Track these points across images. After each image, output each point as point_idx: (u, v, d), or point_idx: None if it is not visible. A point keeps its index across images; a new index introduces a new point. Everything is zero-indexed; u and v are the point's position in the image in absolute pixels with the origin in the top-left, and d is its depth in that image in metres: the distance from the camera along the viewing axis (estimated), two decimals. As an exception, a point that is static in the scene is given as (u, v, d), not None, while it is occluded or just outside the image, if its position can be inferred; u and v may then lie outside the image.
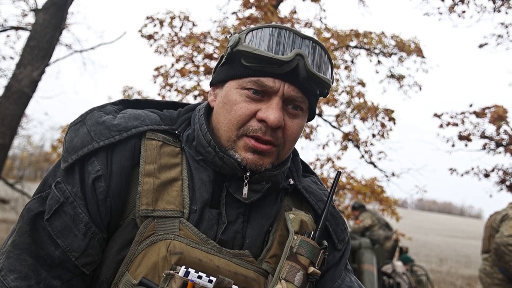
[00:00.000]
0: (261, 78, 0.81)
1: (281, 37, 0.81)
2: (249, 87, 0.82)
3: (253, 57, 0.80)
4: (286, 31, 0.82)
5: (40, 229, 0.77)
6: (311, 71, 0.81)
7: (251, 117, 0.82)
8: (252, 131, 0.82)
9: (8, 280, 0.74)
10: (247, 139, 0.82)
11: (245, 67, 0.82)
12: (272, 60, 0.79)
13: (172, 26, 7.33)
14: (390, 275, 5.49)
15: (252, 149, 0.82)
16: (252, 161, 0.83)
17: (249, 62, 0.81)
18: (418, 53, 7.94)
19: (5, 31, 7.70)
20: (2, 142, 6.37)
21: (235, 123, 0.82)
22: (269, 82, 0.81)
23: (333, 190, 0.93)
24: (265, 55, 0.79)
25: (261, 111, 0.81)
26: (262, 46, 0.80)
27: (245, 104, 0.82)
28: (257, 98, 0.82)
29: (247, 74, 0.82)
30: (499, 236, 3.70)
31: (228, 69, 0.85)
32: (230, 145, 0.84)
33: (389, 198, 7.40)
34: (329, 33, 7.43)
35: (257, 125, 0.82)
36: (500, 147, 7.49)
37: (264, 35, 0.81)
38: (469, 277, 11.97)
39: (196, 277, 0.74)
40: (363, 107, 7.09)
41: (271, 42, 0.81)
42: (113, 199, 0.80)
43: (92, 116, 0.84)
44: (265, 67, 0.80)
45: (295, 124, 0.85)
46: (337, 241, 0.96)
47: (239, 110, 0.82)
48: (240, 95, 0.82)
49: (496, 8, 7.86)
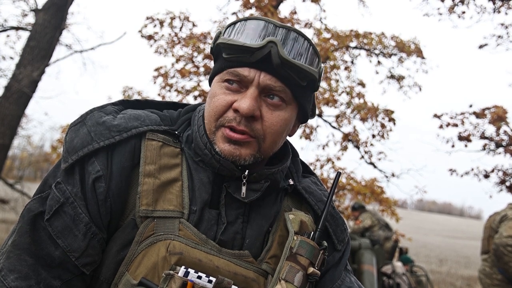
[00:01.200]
0: (237, 68, 0.82)
1: (255, 26, 0.83)
2: (226, 78, 0.84)
3: (230, 48, 0.82)
4: (261, 21, 0.83)
5: (40, 229, 0.77)
6: (284, 57, 0.80)
7: (228, 108, 0.83)
8: (227, 121, 0.82)
9: (8, 280, 0.74)
10: (223, 129, 0.83)
11: (224, 60, 0.84)
12: (244, 48, 0.80)
13: (172, 27, 7.34)
14: (390, 276, 5.49)
15: (227, 139, 0.83)
16: (228, 152, 0.82)
17: (227, 53, 0.83)
18: (418, 54, 7.95)
19: (5, 31, 7.70)
20: (2, 142, 6.37)
21: (213, 114, 0.84)
22: (244, 72, 0.82)
23: (333, 191, 0.93)
24: (236, 43, 0.81)
25: (236, 101, 0.82)
26: (237, 36, 0.82)
27: (223, 96, 0.84)
28: (234, 89, 0.83)
29: (226, 66, 0.84)
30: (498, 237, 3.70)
31: (215, 65, 0.88)
32: (211, 138, 0.85)
33: (389, 198, 7.40)
34: (329, 34, 7.44)
35: (232, 115, 0.82)
36: (500, 148, 7.49)
37: (240, 27, 0.84)
38: (469, 277, 11.97)
39: (196, 277, 0.74)
40: (363, 108, 7.09)
41: (245, 32, 0.82)
42: (113, 200, 0.80)
43: (92, 116, 0.84)
44: (240, 56, 0.82)
45: (275, 116, 0.83)
46: (336, 241, 0.96)
47: (217, 101, 0.84)
48: (220, 88, 0.84)
49: (496, 8, 7.86)
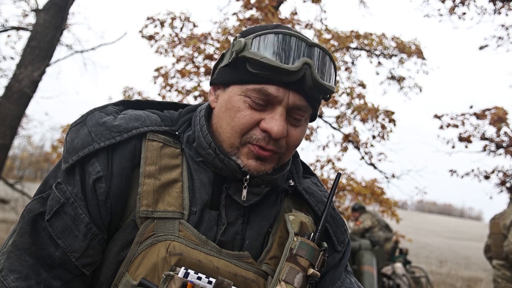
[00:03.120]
0: (265, 85, 0.79)
1: (288, 44, 0.79)
2: (253, 95, 0.80)
3: (259, 64, 0.78)
4: (293, 38, 0.79)
5: (41, 230, 0.77)
6: (317, 80, 0.80)
7: (255, 126, 0.82)
8: (255, 140, 0.82)
9: (8, 281, 0.74)
10: (251, 147, 0.82)
11: (249, 74, 0.80)
12: (279, 69, 0.77)
13: (172, 27, 7.34)
14: (390, 277, 5.48)
15: (255, 156, 0.82)
16: (254, 168, 0.83)
17: (254, 68, 0.79)
18: (419, 55, 7.95)
19: (6, 31, 7.71)
20: (3, 142, 6.37)
21: (238, 130, 0.82)
22: (273, 91, 0.79)
23: (333, 192, 0.93)
24: (273, 64, 0.77)
25: (264, 121, 0.81)
26: (268, 53, 0.78)
27: (249, 112, 0.81)
28: (260, 107, 0.81)
29: (252, 81, 0.80)
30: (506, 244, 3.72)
31: (232, 73, 0.83)
32: (233, 151, 0.84)
33: (389, 199, 7.40)
34: (329, 34, 7.44)
35: (260, 134, 0.81)
36: (500, 149, 7.49)
37: (270, 41, 0.79)
38: (469, 278, 11.95)
39: (196, 278, 0.74)
40: (363, 109, 7.09)
41: (278, 49, 0.78)
42: (114, 200, 0.80)
43: (93, 116, 0.84)
44: (271, 75, 0.79)
45: (297, 132, 0.85)
46: (337, 242, 0.96)
47: (243, 118, 0.81)
48: (244, 102, 0.81)
49: (496, 10, 7.86)
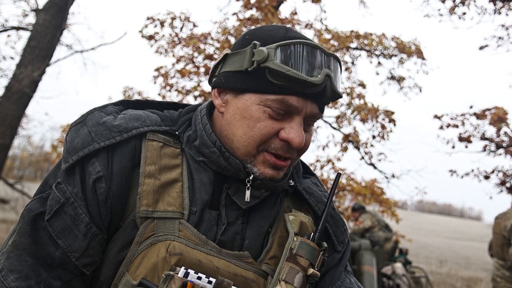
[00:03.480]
0: (286, 96, 0.79)
1: (310, 55, 0.79)
2: (274, 105, 0.80)
3: (283, 76, 0.78)
4: (315, 49, 0.80)
5: (41, 230, 0.77)
6: (336, 91, 0.82)
7: (273, 135, 0.82)
8: (273, 149, 0.83)
9: (8, 281, 0.74)
10: (268, 155, 0.83)
11: (270, 84, 0.79)
12: (304, 82, 0.78)
13: (172, 27, 7.34)
14: (389, 277, 5.48)
15: (272, 165, 0.84)
16: (271, 176, 0.84)
17: (277, 80, 0.78)
18: (419, 55, 7.95)
19: (6, 31, 7.71)
20: (3, 142, 6.37)
21: (258, 140, 0.82)
22: (294, 101, 0.80)
23: (333, 192, 0.93)
24: (299, 77, 0.77)
25: (284, 130, 0.81)
26: (293, 65, 0.78)
27: (269, 123, 0.81)
28: (279, 116, 0.82)
29: (272, 91, 0.80)
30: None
31: (249, 81, 0.81)
32: (249, 159, 0.84)
33: (389, 199, 7.40)
34: (329, 34, 7.44)
35: (279, 143, 0.82)
36: (500, 149, 7.49)
37: (294, 53, 0.78)
38: (469, 279, 11.95)
39: (196, 278, 0.74)
40: (363, 109, 7.09)
41: (302, 61, 0.78)
42: (114, 200, 0.80)
43: (93, 116, 0.84)
44: (293, 86, 0.79)
45: (309, 137, 0.87)
46: (336, 242, 0.96)
47: (264, 128, 0.81)
48: (263, 112, 0.81)
49: (496, 10, 7.86)
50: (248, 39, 0.84)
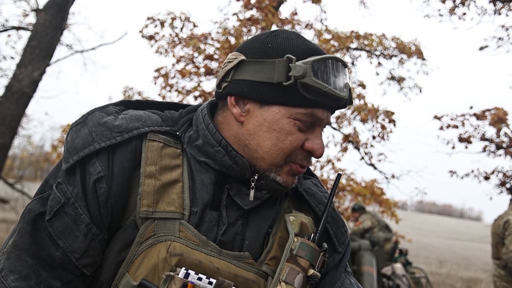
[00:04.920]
0: (314, 109, 0.83)
1: (338, 71, 0.83)
2: (303, 119, 0.83)
3: (318, 91, 0.80)
4: (340, 64, 0.84)
5: (41, 230, 0.77)
6: (351, 100, 0.87)
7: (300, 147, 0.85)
8: (299, 160, 0.86)
9: (8, 281, 0.74)
10: (294, 166, 0.86)
11: (302, 97, 0.81)
12: (336, 97, 0.82)
13: (173, 27, 7.34)
14: (389, 277, 5.48)
15: (293, 173, 0.87)
16: (291, 183, 0.88)
17: (310, 94, 0.80)
18: (419, 55, 7.95)
19: (6, 31, 7.71)
20: (3, 142, 6.37)
21: (287, 152, 0.84)
22: (320, 114, 0.84)
23: (333, 193, 0.93)
24: (336, 94, 0.81)
25: (308, 141, 0.85)
26: (325, 80, 0.81)
27: (299, 135, 0.84)
28: (306, 128, 0.85)
29: (303, 104, 0.82)
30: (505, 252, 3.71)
31: (280, 94, 0.81)
32: (274, 169, 0.86)
33: (389, 200, 7.40)
34: (329, 35, 7.44)
35: (303, 153, 0.86)
36: (500, 150, 7.49)
37: (326, 69, 0.81)
38: (469, 279, 11.96)
39: (196, 279, 0.74)
40: (363, 109, 7.09)
41: (333, 76, 0.82)
42: (114, 200, 0.80)
43: (93, 116, 0.84)
44: (322, 99, 0.82)
45: None
46: (337, 243, 0.96)
47: (294, 142, 0.84)
48: (294, 125, 0.83)
49: (496, 10, 7.86)
50: (271, 48, 0.83)
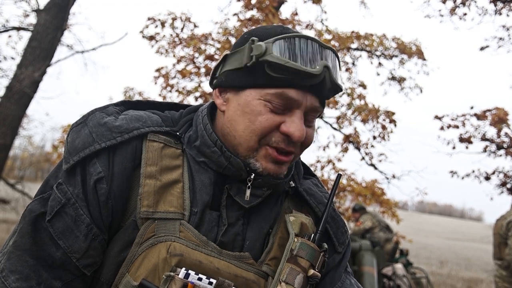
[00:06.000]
0: (286, 89, 0.80)
1: (307, 47, 0.80)
2: (274, 100, 0.81)
3: (282, 68, 0.78)
4: (313, 42, 0.81)
5: (42, 230, 0.77)
6: (335, 82, 0.82)
7: (274, 129, 0.82)
8: (274, 142, 0.82)
9: (9, 281, 0.74)
10: (270, 149, 0.83)
11: (269, 77, 0.80)
12: (303, 73, 0.78)
13: (173, 27, 7.35)
14: (390, 277, 5.48)
15: (273, 160, 0.84)
16: (273, 171, 0.84)
17: (276, 72, 0.79)
18: (419, 55, 7.95)
19: (7, 31, 7.72)
20: (3, 142, 6.38)
21: (259, 133, 0.82)
22: (293, 94, 0.80)
23: (334, 193, 0.93)
24: (298, 68, 0.77)
25: (284, 124, 0.81)
26: (289, 57, 0.78)
27: (270, 116, 0.81)
28: (280, 110, 0.82)
29: (271, 84, 0.80)
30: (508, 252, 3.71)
31: (248, 77, 0.82)
32: (251, 154, 0.84)
33: (390, 200, 7.41)
34: (330, 35, 7.44)
35: (280, 137, 0.82)
36: (501, 150, 7.49)
37: (292, 45, 0.79)
38: (470, 279, 11.95)
39: (196, 279, 0.74)
40: (364, 109, 7.09)
41: (300, 53, 0.79)
42: (115, 201, 0.80)
43: (94, 117, 0.84)
44: (292, 78, 0.79)
45: (311, 132, 0.86)
46: (337, 243, 0.96)
47: (265, 122, 0.81)
48: (264, 106, 0.81)
49: (497, 10, 7.86)
50: (246, 37, 0.84)
